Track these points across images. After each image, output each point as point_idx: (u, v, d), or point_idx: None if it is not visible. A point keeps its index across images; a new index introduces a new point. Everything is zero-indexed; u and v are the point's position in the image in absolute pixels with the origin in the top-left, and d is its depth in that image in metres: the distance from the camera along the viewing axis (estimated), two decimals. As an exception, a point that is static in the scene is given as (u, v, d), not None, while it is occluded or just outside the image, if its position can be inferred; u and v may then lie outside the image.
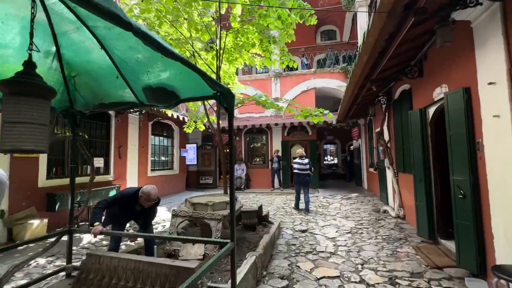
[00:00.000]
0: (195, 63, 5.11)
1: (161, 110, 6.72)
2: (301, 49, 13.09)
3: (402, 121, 5.27)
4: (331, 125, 10.37)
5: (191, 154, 11.38)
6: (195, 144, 11.46)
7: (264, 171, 10.96)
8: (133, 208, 2.87)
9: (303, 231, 4.99)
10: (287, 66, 12.02)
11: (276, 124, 10.10)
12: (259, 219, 4.86)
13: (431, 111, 3.96)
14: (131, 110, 6.81)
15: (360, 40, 5.02)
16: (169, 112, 6.90)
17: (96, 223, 2.47)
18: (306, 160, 6.64)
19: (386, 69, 4.57)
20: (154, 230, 5.04)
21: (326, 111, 4.03)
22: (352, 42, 12.95)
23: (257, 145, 11.71)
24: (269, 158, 10.69)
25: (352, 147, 13.97)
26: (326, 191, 9.86)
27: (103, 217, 2.97)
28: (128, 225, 4.56)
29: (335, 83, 10.56)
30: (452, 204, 3.10)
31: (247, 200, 8.44)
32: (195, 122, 6.76)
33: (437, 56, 3.64)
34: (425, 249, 3.74)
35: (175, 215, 3.52)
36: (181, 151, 9.85)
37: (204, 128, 6.79)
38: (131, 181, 7.13)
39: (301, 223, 5.57)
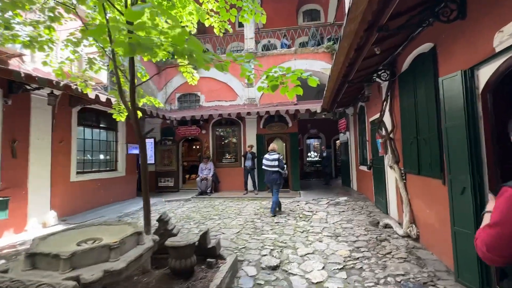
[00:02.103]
0: (106, 14, 3.14)
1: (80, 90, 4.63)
2: (281, 31, 11.26)
3: (417, 100, 3.62)
4: (315, 114, 8.71)
5: (147, 151, 9.29)
6: (153, 139, 9.40)
7: (236, 171, 9.14)
8: None
9: (274, 268, 3.22)
10: (264, 46, 10.17)
11: (249, 114, 8.28)
12: (203, 254, 3.04)
13: (486, 73, 2.29)
14: (31, 87, 4.71)
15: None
16: (88, 91, 4.82)
17: None
18: (275, 156, 5.80)
19: (401, 12, 2.87)
20: None
21: (307, 73, 2.24)
22: (338, 23, 11.30)
23: (228, 140, 9.84)
24: (242, 154, 8.87)
25: (338, 141, 12.46)
26: (309, 194, 8.21)
27: None
28: None
29: (320, 65, 8.89)
30: None
31: (210, 210, 6.59)
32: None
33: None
34: (482, 317, 2.08)
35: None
36: (128, 147, 7.77)
37: (141, 115, 4.78)
38: (38, 190, 5.04)
39: (272, 250, 3.80)
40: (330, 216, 5.59)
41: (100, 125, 7.01)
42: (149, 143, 9.37)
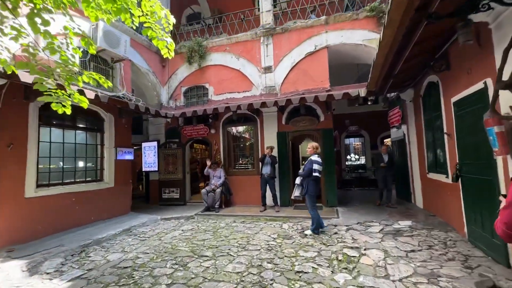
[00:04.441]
0: None
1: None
2: (310, 7, 9.04)
3: None
4: (356, 102, 6.36)
5: (150, 156, 7.87)
6: (156, 142, 7.94)
7: (253, 180, 7.17)
8: None
9: None
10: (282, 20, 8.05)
11: (264, 105, 6.27)
12: None
13: None
14: None
15: None
16: (13, 70, 3.33)
17: None
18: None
19: None
20: None
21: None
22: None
23: (242, 141, 7.94)
24: (259, 159, 6.87)
25: (387, 140, 9.69)
26: (351, 213, 5.85)
27: None
28: None
29: (361, 35, 6.50)
30: None
31: (208, 237, 4.70)
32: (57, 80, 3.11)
33: None
34: None
35: None
36: (118, 152, 6.34)
37: (87, 103, 3.07)
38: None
39: None
40: (392, 262, 3.29)
41: (78, 125, 5.65)
42: (152, 146, 7.94)
